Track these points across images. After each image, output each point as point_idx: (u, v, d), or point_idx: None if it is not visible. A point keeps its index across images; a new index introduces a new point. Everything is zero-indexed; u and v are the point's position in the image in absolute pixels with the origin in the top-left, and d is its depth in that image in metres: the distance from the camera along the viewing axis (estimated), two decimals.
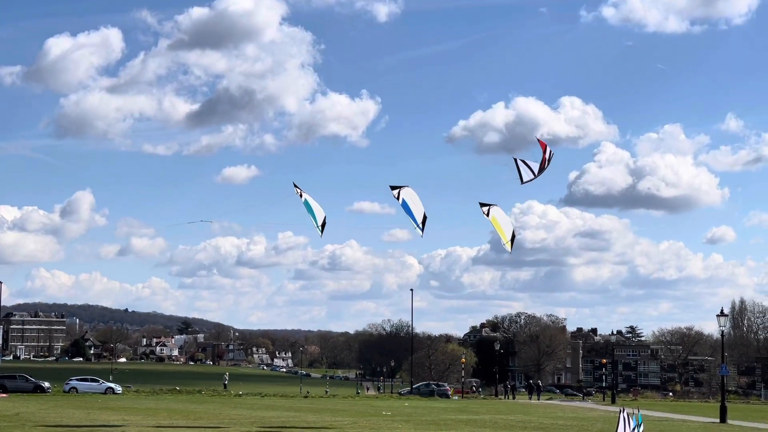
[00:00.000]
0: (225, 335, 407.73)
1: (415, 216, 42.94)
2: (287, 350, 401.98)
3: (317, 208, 44.59)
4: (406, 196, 42.93)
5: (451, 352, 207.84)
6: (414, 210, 42.93)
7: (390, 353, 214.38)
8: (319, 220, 44.63)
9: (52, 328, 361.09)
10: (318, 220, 44.57)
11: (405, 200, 42.67)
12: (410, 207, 42.69)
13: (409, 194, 43.14)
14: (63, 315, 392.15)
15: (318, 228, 44.87)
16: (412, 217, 42.97)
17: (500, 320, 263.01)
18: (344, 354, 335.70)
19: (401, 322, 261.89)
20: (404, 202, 42.61)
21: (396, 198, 42.82)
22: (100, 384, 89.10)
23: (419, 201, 43.04)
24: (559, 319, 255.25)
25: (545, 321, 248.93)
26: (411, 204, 42.77)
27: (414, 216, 42.93)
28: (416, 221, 43.00)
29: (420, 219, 42.93)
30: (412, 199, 42.93)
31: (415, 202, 42.96)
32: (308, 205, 44.35)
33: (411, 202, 42.81)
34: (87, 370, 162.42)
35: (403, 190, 42.92)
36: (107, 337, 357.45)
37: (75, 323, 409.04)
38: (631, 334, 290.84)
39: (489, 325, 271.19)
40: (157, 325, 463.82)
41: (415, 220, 43.00)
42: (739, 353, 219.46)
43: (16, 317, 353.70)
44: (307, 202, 44.28)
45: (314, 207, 44.56)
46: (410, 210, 42.88)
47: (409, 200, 42.86)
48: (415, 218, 42.91)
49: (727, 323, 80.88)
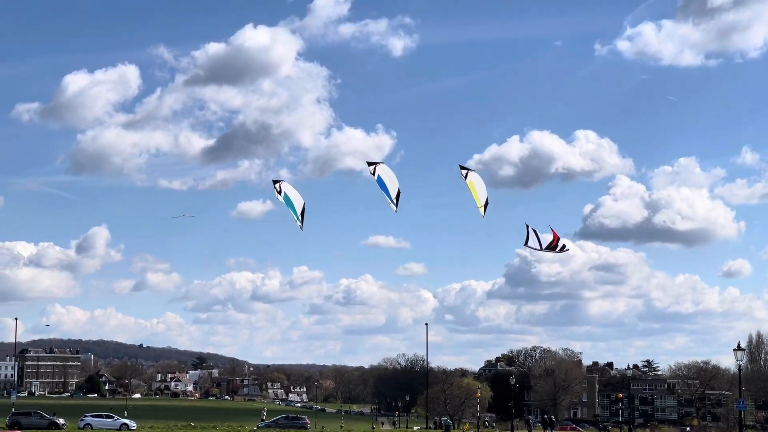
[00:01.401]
0: (240, 370, 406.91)
1: (390, 191, 43.86)
2: (302, 385, 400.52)
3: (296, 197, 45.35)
4: (382, 172, 43.95)
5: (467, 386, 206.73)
6: (389, 186, 43.84)
7: (405, 388, 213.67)
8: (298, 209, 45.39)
9: (67, 364, 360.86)
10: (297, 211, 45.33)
11: (380, 176, 43.71)
12: (385, 183, 43.69)
13: (385, 171, 44.15)
14: (78, 351, 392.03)
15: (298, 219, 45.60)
16: (386, 192, 43.95)
17: (515, 354, 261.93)
18: (359, 389, 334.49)
19: (416, 356, 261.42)
20: (380, 178, 43.69)
21: (372, 174, 43.78)
22: (114, 420, 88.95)
23: (395, 178, 44.01)
24: (575, 353, 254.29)
25: (561, 355, 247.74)
26: (386, 180, 43.78)
27: (389, 191, 43.87)
28: (390, 197, 43.93)
29: (394, 195, 43.85)
30: (388, 175, 43.93)
31: (391, 178, 43.95)
32: (288, 198, 45.20)
33: (387, 178, 43.84)
34: (101, 406, 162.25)
35: (379, 167, 43.95)
36: (122, 372, 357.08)
37: (90, 359, 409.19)
38: (647, 368, 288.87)
39: (504, 359, 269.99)
40: (171, 361, 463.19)
41: (390, 196, 43.93)
42: (756, 387, 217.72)
43: (32, 353, 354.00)
44: (286, 195, 45.18)
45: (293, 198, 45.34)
46: (385, 186, 43.84)
47: (384, 176, 43.88)
48: (390, 194, 43.84)
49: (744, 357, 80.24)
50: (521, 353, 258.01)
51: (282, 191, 45.11)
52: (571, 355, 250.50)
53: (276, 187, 44.93)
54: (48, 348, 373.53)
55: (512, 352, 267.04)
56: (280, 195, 45.19)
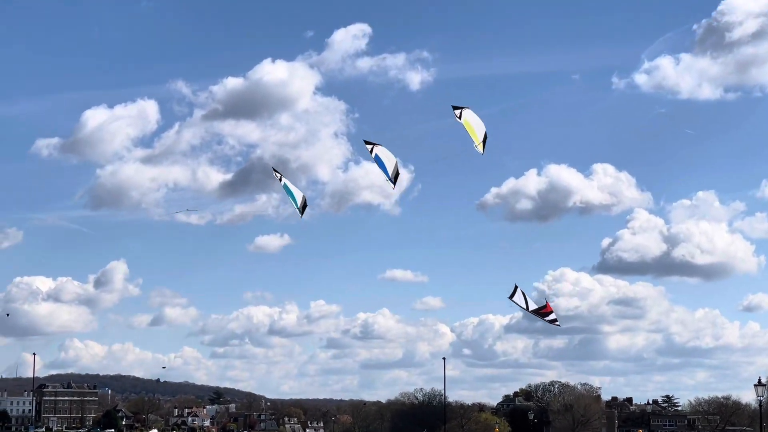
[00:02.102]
0: (257, 405, 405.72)
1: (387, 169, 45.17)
2: (319, 420, 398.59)
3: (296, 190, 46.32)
4: (380, 152, 44.72)
5: (485, 421, 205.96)
6: (387, 164, 45.20)
7: (423, 423, 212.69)
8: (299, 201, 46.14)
9: (85, 399, 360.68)
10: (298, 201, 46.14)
11: (378, 155, 44.48)
12: (383, 161, 44.44)
13: (383, 152, 45.47)
14: (95, 386, 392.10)
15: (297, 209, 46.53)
16: (384, 170, 44.56)
17: (534, 389, 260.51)
18: (376, 423, 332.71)
19: (434, 390, 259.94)
20: (377, 157, 44.53)
21: (369, 153, 45.12)
22: None
23: (392, 157, 44.75)
24: (594, 388, 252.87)
25: (579, 390, 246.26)
26: (384, 159, 44.52)
27: (386, 169, 44.98)
28: (388, 174, 44.52)
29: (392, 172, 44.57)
30: (386, 156, 44.69)
31: (389, 158, 44.64)
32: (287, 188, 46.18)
33: (384, 157, 44.57)
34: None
35: (377, 148, 44.77)
36: (139, 407, 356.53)
37: (107, 394, 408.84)
38: (667, 403, 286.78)
39: (522, 394, 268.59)
40: (188, 395, 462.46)
41: (387, 173, 44.47)
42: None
43: (49, 388, 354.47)
44: (286, 185, 46.18)
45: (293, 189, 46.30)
46: (383, 164, 44.85)
47: (382, 156, 44.63)
48: (387, 171, 45.05)
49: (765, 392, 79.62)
50: (539, 388, 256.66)
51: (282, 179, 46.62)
52: (590, 390, 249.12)
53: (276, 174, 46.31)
54: (65, 383, 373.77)
55: (530, 387, 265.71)
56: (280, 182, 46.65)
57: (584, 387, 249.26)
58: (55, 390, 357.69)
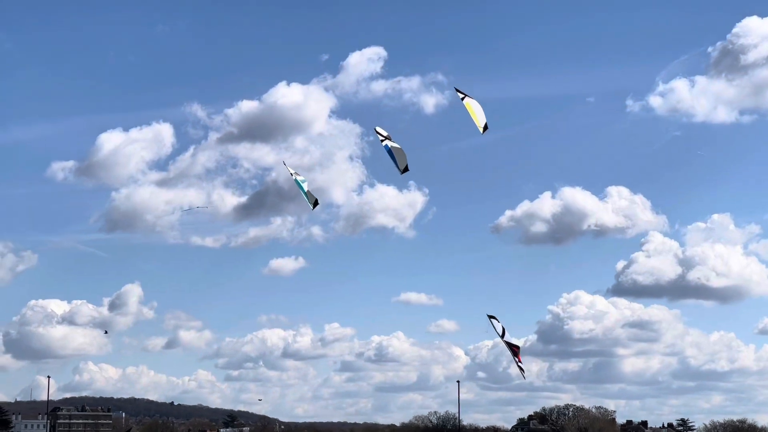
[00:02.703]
0: (271, 428, 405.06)
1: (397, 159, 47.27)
2: None
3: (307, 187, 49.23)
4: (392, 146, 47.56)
5: None
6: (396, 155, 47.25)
7: None
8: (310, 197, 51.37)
9: (99, 422, 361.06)
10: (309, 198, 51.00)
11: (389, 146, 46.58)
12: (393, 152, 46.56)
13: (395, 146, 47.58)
14: (109, 409, 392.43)
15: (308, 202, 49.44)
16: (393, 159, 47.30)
17: (548, 412, 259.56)
18: None
19: (448, 414, 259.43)
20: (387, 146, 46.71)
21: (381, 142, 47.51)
22: None
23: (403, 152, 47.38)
24: (609, 412, 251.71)
25: (594, 413, 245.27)
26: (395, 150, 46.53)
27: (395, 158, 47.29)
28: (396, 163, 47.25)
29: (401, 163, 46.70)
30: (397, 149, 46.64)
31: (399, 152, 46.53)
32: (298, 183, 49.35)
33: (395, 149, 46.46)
34: None
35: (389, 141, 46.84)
36: (153, 430, 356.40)
37: (121, 417, 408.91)
38: (682, 427, 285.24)
39: (537, 417, 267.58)
40: (203, 419, 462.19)
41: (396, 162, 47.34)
42: None
43: (63, 412, 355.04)
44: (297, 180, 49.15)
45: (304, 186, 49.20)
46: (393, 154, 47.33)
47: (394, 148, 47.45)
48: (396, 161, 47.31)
49: None
50: (554, 411, 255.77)
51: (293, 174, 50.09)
52: (605, 413, 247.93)
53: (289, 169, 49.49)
54: (80, 406, 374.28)
55: (545, 410, 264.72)
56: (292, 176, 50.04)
57: (599, 410, 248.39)
58: (69, 413, 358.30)
